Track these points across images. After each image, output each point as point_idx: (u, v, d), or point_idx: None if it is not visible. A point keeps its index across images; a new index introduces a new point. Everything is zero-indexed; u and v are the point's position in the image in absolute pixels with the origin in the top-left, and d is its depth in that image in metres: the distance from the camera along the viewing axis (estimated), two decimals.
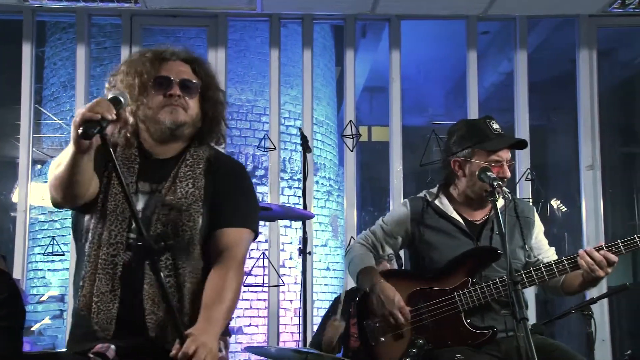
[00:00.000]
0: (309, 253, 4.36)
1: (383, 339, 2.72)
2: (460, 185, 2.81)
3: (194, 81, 2.20)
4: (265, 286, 5.05)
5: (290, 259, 7.21)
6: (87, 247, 2.09)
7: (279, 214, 4.17)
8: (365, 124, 11.51)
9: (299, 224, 4.68)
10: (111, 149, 1.84)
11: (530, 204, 3.06)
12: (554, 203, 8.43)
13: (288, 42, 7.08)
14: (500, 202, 2.80)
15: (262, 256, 4.95)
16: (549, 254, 2.86)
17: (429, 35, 8.05)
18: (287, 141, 7.34)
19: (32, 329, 6.98)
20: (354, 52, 5.29)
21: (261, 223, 2.45)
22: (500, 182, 2.50)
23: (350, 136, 4.92)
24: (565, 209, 8.28)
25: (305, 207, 4.33)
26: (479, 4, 4.84)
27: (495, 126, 2.76)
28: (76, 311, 2.09)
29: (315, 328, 5.33)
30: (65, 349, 2.19)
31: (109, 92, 2.16)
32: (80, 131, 1.80)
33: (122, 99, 1.91)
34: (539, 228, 2.89)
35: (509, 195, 2.86)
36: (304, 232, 4.28)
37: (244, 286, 2.54)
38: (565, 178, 8.35)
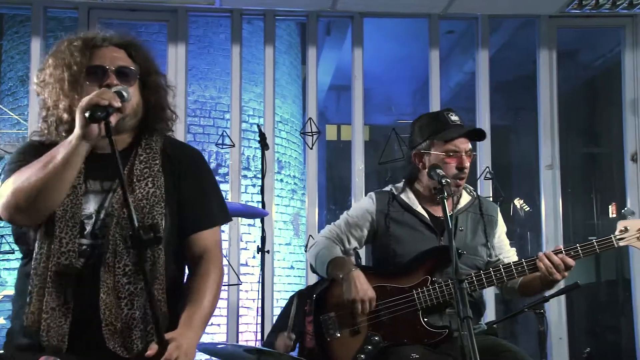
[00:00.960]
0: (268, 251, 4.33)
1: (339, 334, 2.69)
2: (424, 179, 2.80)
3: (131, 67, 2.03)
4: (225, 284, 4.99)
5: (254, 257, 7.15)
6: (34, 259, 1.92)
7: (234, 212, 4.12)
8: (334, 123, 11.49)
9: (267, 223, 4.67)
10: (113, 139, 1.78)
11: (492, 201, 3.07)
12: (517, 202, 8.50)
13: (253, 38, 7.02)
14: (465, 198, 2.83)
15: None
16: (509, 254, 2.87)
17: (396, 34, 8.05)
18: (251, 139, 7.28)
19: None
20: (317, 48, 5.26)
21: None
22: (449, 180, 2.48)
23: (310, 134, 4.88)
24: (529, 208, 8.37)
25: (263, 205, 4.29)
26: (440, 2, 4.84)
27: (454, 117, 2.76)
28: (21, 325, 1.92)
29: None
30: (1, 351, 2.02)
31: (41, 89, 2.03)
32: (87, 114, 1.76)
33: (125, 94, 1.88)
34: (501, 228, 2.91)
35: (474, 193, 2.89)
36: (263, 230, 4.24)
37: None
38: (529, 177, 8.42)
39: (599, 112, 7.97)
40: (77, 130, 1.81)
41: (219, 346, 3.12)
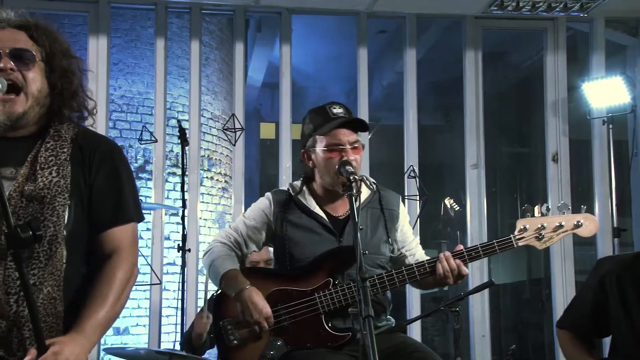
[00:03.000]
0: (189, 250, 4.24)
1: (240, 340, 2.61)
2: (317, 178, 2.72)
3: (29, 50, 1.89)
4: (147, 284, 4.86)
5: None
6: None
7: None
8: (271, 121, 11.39)
9: (191, 221, 4.58)
10: None
11: (394, 192, 2.97)
12: (448, 202, 8.60)
13: (183, 33, 6.86)
14: (365, 193, 2.73)
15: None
16: (412, 246, 2.81)
17: (331, 34, 8.02)
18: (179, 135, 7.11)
19: None
20: (245, 44, 5.19)
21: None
22: (356, 177, 2.41)
23: (233, 130, 4.80)
24: (458, 207, 8.48)
25: (184, 202, 4.19)
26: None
27: (337, 110, 2.65)
28: None
29: None
30: None
31: None
32: None
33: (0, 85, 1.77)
34: (404, 220, 2.82)
35: (374, 185, 2.78)
36: (184, 228, 4.15)
37: None
38: (459, 177, 8.52)
39: (526, 112, 8.12)
40: None
41: (129, 349, 3.03)
